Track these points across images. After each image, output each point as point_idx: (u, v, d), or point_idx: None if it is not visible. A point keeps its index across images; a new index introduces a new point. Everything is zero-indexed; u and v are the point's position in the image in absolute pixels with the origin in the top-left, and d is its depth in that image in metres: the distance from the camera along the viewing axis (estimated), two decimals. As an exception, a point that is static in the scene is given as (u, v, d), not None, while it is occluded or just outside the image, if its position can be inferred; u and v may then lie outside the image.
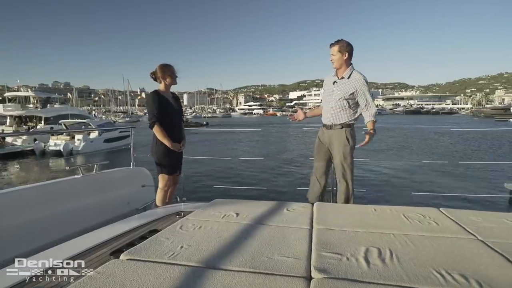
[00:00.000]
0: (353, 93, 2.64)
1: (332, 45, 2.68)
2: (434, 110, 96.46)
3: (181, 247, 1.47)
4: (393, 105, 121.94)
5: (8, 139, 18.02)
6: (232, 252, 1.42)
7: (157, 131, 2.65)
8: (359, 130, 2.79)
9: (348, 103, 2.68)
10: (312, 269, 1.25)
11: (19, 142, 18.12)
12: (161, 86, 2.77)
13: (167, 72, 2.73)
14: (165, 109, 2.69)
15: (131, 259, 1.36)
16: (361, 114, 2.73)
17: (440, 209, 2.06)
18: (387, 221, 1.83)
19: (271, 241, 1.55)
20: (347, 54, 2.64)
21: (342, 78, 2.70)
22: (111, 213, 2.65)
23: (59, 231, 2.20)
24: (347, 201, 2.71)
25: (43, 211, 2.48)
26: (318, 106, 3.07)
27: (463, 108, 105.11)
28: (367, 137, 2.60)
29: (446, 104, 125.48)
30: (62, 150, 16.49)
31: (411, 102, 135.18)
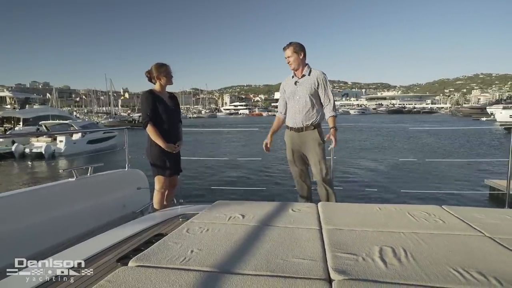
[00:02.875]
0: (317, 87, 2.68)
1: (285, 48, 2.73)
2: (415, 109, 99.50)
3: (192, 251, 1.42)
4: (376, 104, 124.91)
5: None
6: (245, 255, 1.38)
7: (150, 131, 2.57)
8: (325, 129, 2.82)
9: (314, 100, 2.71)
10: (330, 270, 1.23)
11: (-5, 144, 17.22)
12: (156, 86, 2.70)
13: (162, 72, 2.66)
14: (161, 109, 2.62)
15: (140, 266, 1.30)
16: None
17: (443, 206, 2.09)
18: (393, 220, 1.83)
19: (282, 242, 1.52)
20: (302, 54, 2.71)
21: (303, 76, 2.74)
22: (107, 216, 2.55)
23: (55, 236, 2.11)
24: (332, 200, 2.78)
25: (37, 216, 2.36)
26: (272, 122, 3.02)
27: (442, 108, 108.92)
28: (332, 136, 2.62)
29: (426, 104, 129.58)
30: (43, 152, 15.74)
31: (393, 101, 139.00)
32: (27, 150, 16.31)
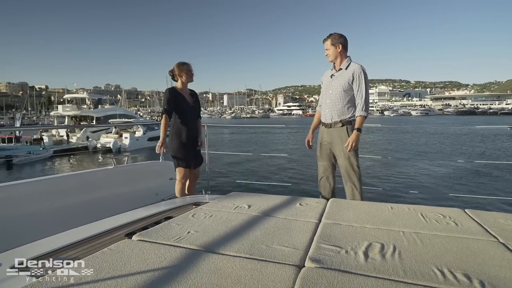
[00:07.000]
0: (351, 82, 2.56)
1: (324, 40, 2.65)
2: (491, 110, 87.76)
3: (188, 232, 1.56)
4: (442, 105, 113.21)
5: (65, 137, 20.26)
6: (233, 239, 1.47)
7: (162, 122, 2.82)
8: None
9: (347, 96, 2.59)
10: (307, 258, 1.26)
11: (74, 139, 20.26)
12: (178, 84, 2.93)
13: (183, 70, 2.88)
14: (180, 106, 2.85)
15: (141, 240, 1.47)
16: None
17: (466, 210, 1.92)
18: (400, 219, 1.75)
19: (274, 232, 1.57)
20: (340, 46, 2.59)
21: (340, 69, 2.63)
22: (140, 202, 2.84)
23: (91, 216, 2.42)
24: (357, 199, 2.63)
25: (80, 196, 2.78)
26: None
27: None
28: (350, 138, 2.49)
29: (506, 104, 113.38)
30: (111, 147, 18.21)
31: (464, 102, 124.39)
32: (98, 145, 19.02)
